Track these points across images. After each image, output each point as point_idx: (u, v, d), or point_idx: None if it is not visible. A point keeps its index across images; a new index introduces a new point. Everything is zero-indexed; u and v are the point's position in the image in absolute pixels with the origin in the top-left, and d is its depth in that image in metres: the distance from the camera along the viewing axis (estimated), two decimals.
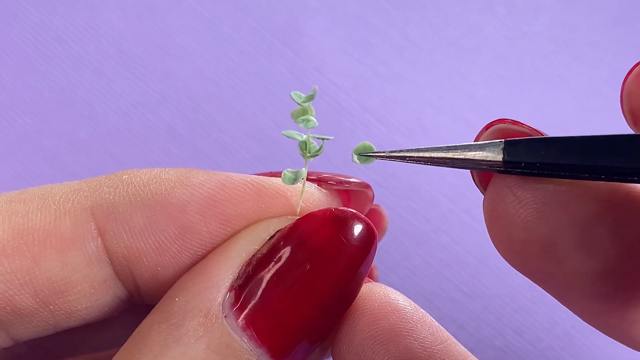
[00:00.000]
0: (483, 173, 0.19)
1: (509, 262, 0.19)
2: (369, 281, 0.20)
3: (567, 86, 0.43)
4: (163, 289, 0.19)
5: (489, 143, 0.18)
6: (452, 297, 0.37)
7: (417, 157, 0.19)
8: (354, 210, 0.19)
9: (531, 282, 0.19)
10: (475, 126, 0.41)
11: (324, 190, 0.20)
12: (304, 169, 0.19)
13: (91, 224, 0.19)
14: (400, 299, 0.19)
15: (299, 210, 0.20)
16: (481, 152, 0.18)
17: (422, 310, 0.20)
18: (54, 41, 0.41)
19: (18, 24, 0.41)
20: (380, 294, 0.19)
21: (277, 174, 0.20)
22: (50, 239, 0.19)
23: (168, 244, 0.19)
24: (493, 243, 0.19)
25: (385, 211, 0.29)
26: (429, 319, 0.19)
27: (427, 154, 0.18)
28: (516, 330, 0.37)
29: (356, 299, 0.19)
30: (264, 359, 0.18)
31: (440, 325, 0.19)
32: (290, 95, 0.19)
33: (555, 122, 0.42)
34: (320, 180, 0.20)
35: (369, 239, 0.19)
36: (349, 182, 0.21)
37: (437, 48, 0.44)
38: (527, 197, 0.17)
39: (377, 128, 0.41)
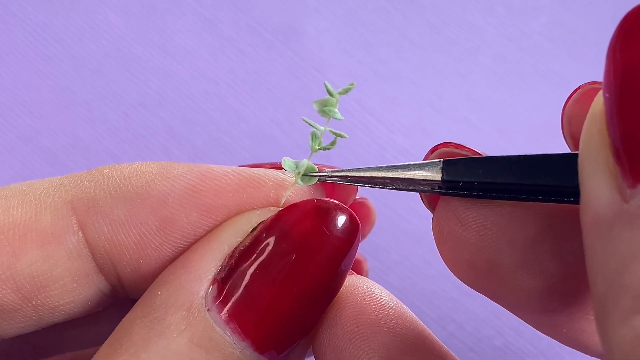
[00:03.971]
0: (432, 195, 0.19)
1: (459, 279, 0.19)
2: (352, 274, 0.20)
3: (567, 85, 0.43)
4: (146, 283, 0.19)
5: (428, 163, 0.18)
6: (451, 296, 0.37)
7: (358, 176, 0.19)
8: (337, 201, 0.19)
9: None
10: (474, 126, 0.41)
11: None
12: (306, 160, 0.19)
13: (72, 217, 0.19)
14: (383, 294, 0.19)
15: (283, 201, 0.19)
16: (420, 172, 0.18)
17: (404, 306, 0.20)
18: (53, 41, 0.41)
19: (18, 24, 0.42)
20: (363, 288, 0.19)
21: (258, 166, 0.20)
22: (31, 233, 0.18)
23: (149, 237, 0.19)
24: (444, 262, 0.19)
25: (373, 204, 0.29)
26: (411, 315, 0.19)
27: (367, 174, 0.19)
28: (516, 330, 0.37)
29: (339, 292, 0.19)
30: (247, 352, 0.17)
31: (421, 322, 0.19)
32: (324, 83, 0.18)
33: (555, 122, 0.42)
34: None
35: (352, 230, 0.19)
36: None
37: (436, 48, 0.44)
38: (470, 220, 0.18)
39: (377, 128, 0.41)
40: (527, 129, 0.42)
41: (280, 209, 0.19)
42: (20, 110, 0.40)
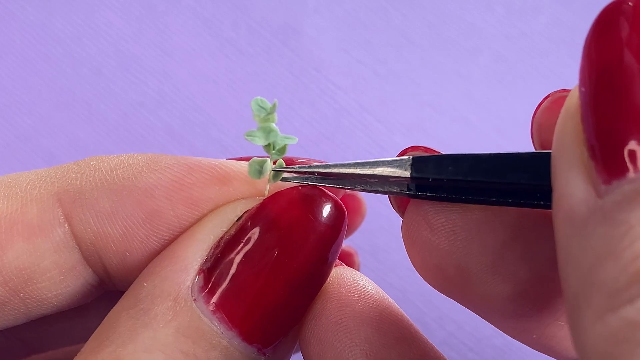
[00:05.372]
0: (401, 198, 0.19)
1: (428, 284, 0.19)
2: (341, 265, 0.20)
3: (566, 85, 0.43)
4: (133, 275, 0.19)
5: (397, 159, 0.18)
6: None
7: (325, 172, 0.19)
8: (322, 189, 0.19)
9: None
10: (474, 125, 0.41)
11: (294, 174, 0.20)
12: (269, 160, 0.19)
13: (58, 210, 0.19)
14: (369, 287, 0.19)
15: (266, 192, 0.19)
16: (389, 168, 0.18)
17: (390, 299, 0.19)
18: (53, 41, 0.41)
19: (17, 23, 0.41)
20: (349, 279, 0.19)
21: (247, 159, 0.20)
22: (17, 226, 0.18)
23: (135, 229, 0.19)
24: (413, 266, 0.19)
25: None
26: (396, 308, 0.19)
27: (335, 170, 0.18)
28: None
29: (325, 283, 0.19)
30: (235, 342, 0.17)
31: (406, 316, 0.19)
32: (250, 103, 0.18)
33: None
34: (291, 163, 0.20)
35: (338, 217, 0.19)
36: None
37: (436, 47, 0.44)
38: (439, 225, 0.18)
39: (376, 127, 0.41)
40: (527, 129, 0.42)
41: (266, 197, 0.19)
42: (19, 110, 0.40)
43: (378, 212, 0.38)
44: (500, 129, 0.42)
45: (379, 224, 0.39)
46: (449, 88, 0.43)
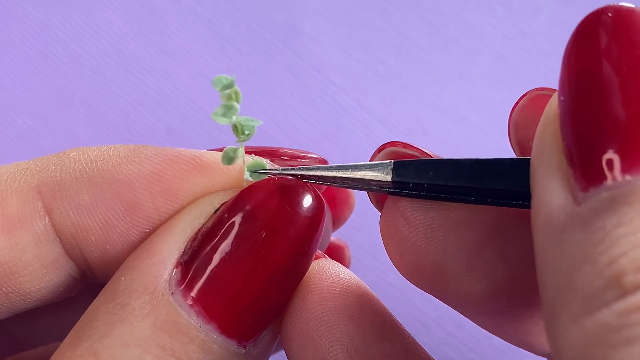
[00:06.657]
0: (379, 194, 0.19)
1: (406, 279, 0.19)
2: (325, 258, 0.20)
3: None
4: (114, 267, 0.19)
5: (378, 163, 0.18)
6: None
7: (308, 175, 0.19)
8: (300, 180, 0.19)
9: None
10: (474, 125, 0.41)
11: (276, 165, 0.20)
12: (240, 148, 0.19)
13: (38, 202, 0.19)
14: (351, 280, 0.19)
15: (245, 184, 0.19)
16: (371, 172, 0.18)
17: (372, 293, 0.19)
18: (52, 41, 0.41)
19: (17, 23, 0.41)
20: (331, 272, 0.19)
21: None
22: None
23: (115, 222, 0.19)
24: (390, 261, 0.19)
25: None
26: (378, 303, 0.19)
27: (318, 173, 0.19)
28: None
29: (306, 276, 0.19)
30: (213, 335, 0.17)
31: (389, 311, 0.19)
32: (212, 81, 0.18)
33: None
34: (273, 155, 0.20)
35: (317, 208, 0.18)
36: (305, 157, 0.21)
37: (436, 47, 0.44)
38: (417, 221, 0.18)
39: (376, 127, 0.41)
40: None
41: (243, 188, 0.19)
42: (19, 110, 0.40)
43: (378, 212, 0.38)
44: (500, 129, 0.42)
45: (378, 224, 0.39)
46: (449, 88, 0.43)
